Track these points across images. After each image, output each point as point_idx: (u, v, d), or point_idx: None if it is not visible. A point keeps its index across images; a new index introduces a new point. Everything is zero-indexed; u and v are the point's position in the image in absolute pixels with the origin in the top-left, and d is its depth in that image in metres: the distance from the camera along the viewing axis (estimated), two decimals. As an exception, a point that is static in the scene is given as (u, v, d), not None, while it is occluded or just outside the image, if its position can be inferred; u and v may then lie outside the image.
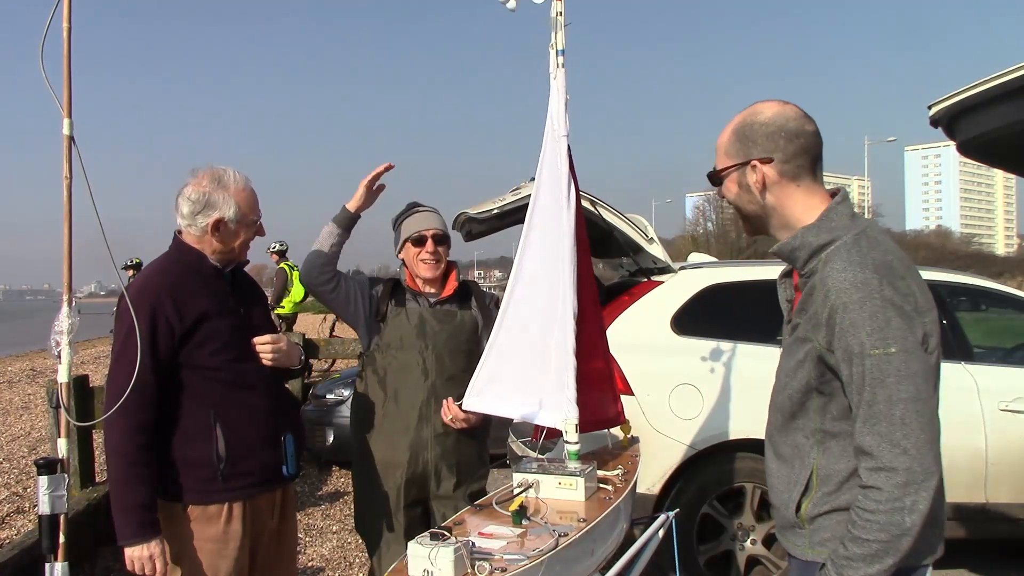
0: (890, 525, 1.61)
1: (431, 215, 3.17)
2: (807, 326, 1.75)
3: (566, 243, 2.56)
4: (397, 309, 3.10)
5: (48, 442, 6.75)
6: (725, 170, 1.87)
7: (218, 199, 2.52)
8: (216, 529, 2.45)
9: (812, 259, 1.76)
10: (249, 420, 2.52)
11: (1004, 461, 4.12)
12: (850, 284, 1.65)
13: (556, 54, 2.58)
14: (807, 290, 1.77)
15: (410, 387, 3.04)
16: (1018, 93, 3.21)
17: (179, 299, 2.44)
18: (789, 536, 1.90)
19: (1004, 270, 50.05)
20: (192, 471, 2.44)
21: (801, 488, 1.83)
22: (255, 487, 2.53)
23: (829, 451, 1.80)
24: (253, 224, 2.61)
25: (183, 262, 2.55)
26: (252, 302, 2.71)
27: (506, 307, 2.71)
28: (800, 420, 1.84)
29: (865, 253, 1.70)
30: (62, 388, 2.54)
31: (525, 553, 1.90)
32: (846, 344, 1.65)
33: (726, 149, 1.87)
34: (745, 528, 4.17)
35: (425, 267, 3.08)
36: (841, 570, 1.67)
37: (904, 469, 1.60)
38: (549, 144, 2.61)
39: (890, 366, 1.61)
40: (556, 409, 2.59)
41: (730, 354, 4.16)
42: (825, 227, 1.77)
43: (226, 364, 2.49)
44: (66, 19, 2.58)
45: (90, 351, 20.76)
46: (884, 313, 1.63)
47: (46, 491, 2.38)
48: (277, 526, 2.67)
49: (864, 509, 1.64)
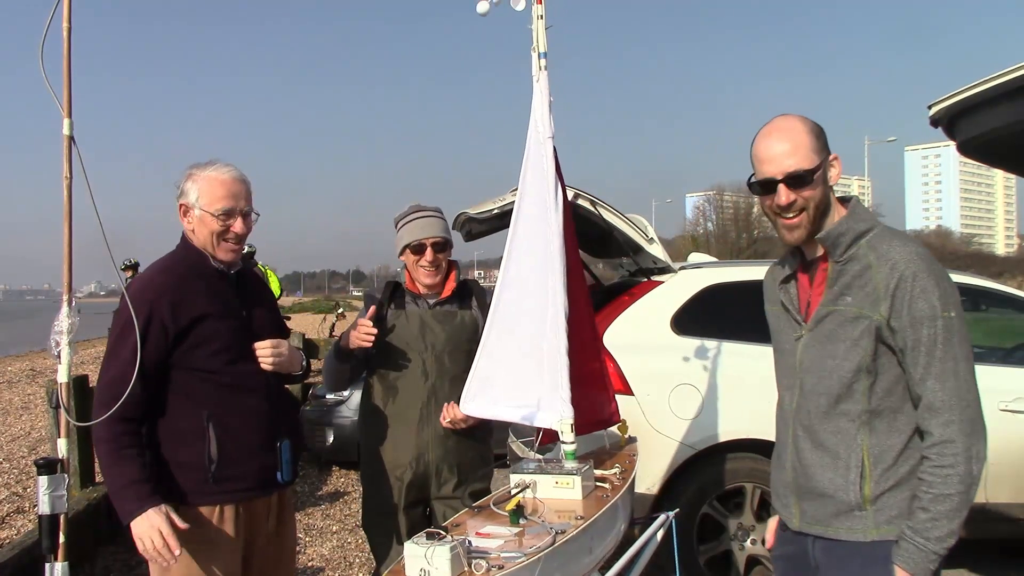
0: (967, 476, 1.79)
1: (432, 221, 3.11)
2: (862, 303, 1.89)
3: (555, 244, 2.57)
4: (397, 312, 3.11)
5: (48, 442, 6.76)
6: (821, 165, 1.94)
7: (188, 185, 2.50)
8: (207, 531, 2.43)
9: (854, 244, 1.93)
10: (245, 424, 2.49)
11: (1004, 461, 4.11)
12: (916, 256, 1.86)
13: (538, 56, 2.60)
14: (855, 272, 1.91)
15: (411, 389, 3.05)
16: (1018, 93, 3.21)
17: (177, 300, 2.41)
18: (843, 522, 1.94)
19: (1004, 270, 50.12)
20: (183, 472, 2.42)
21: (856, 471, 1.91)
22: (249, 491, 2.50)
23: (876, 430, 1.91)
24: (218, 216, 2.47)
25: (187, 262, 2.52)
26: (256, 304, 2.65)
27: (495, 310, 2.72)
28: (845, 404, 1.93)
29: (908, 236, 1.96)
30: (62, 388, 2.55)
31: (522, 551, 1.90)
32: (917, 308, 1.83)
33: (813, 147, 1.94)
34: (745, 528, 4.16)
35: (424, 274, 3.09)
36: (928, 533, 1.80)
37: (970, 420, 1.81)
38: (533, 146, 2.63)
39: (955, 328, 1.82)
40: (551, 410, 2.59)
41: (730, 354, 4.16)
42: (862, 217, 1.97)
43: (224, 366, 2.46)
44: (66, 19, 2.59)
45: (90, 351, 20.75)
46: (947, 281, 1.86)
47: (46, 491, 2.38)
48: (275, 528, 2.64)
49: (941, 466, 1.81)
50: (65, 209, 2.65)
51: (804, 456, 2.00)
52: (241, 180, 2.53)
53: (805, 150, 1.93)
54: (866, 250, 1.91)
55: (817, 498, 1.98)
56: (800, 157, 1.92)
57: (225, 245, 2.51)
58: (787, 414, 2.08)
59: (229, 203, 2.48)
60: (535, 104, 2.61)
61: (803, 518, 2.03)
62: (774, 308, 2.15)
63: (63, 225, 2.65)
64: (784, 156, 1.93)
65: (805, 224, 1.96)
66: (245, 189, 2.54)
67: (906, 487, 1.88)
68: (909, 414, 1.90)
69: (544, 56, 2.60)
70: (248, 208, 2.54)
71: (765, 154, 1.96)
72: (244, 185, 2.53)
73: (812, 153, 1.93)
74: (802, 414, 2.01)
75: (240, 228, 2.51)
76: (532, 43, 2.61)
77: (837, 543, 1.95)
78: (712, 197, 72.37)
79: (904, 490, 1.88)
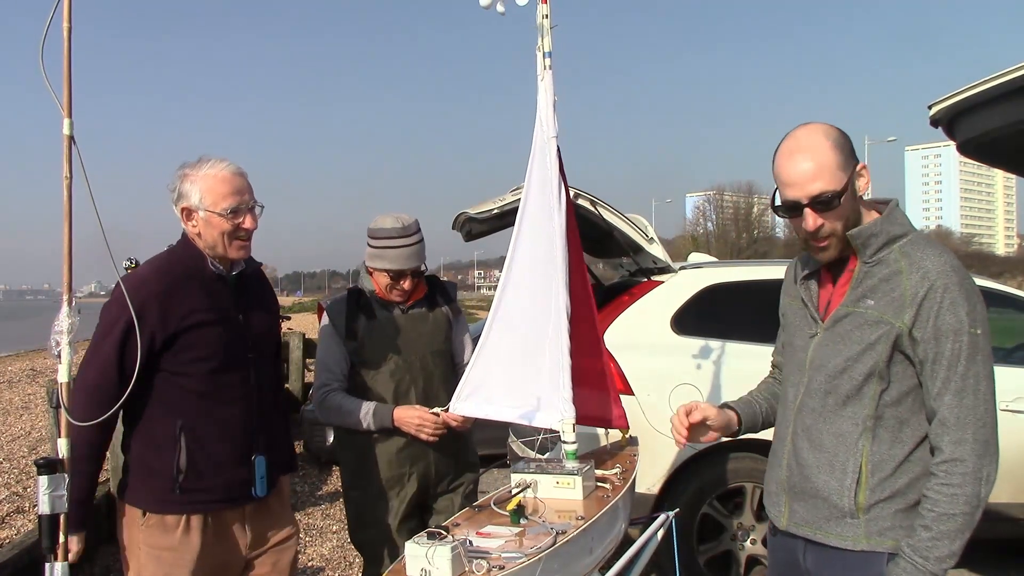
0: (974, 497, 1.75)
1: (413, 251, 2.95)
2: (885, 309, 1.83)
3: (558, 244, 2.57)
4: (370, 323, 3.01)
5: (48, 442, 6.75)
6: (849, 182, 1.84)
7: (186, 187, 2.41)
8: (172, 539, 2.37)
9: (885, 247, 1.87)
10: (219, 435, 2.41)
11: (1004, 461, 4.07)
12: (950, 267, 1.80)
13: (543, 56, 2.60)
14: (882, 275, 1.86)
15: (402, 398, 2.99)
16: (1018, 93, 3.20)
17: (168, 304, 2.34)
18: (834, 528, 1.90)
19: (1004, 270, 50.13)
20: (151, 479, 2.38)
21: (853, 476, 1.87)
22: (216, 503, 2.42)
23: (878, 438, 1.86)
24: (227, 216, 2.39)
25: (183, 263, 2.44)
26: (255, 308, 2.56)
27: (496, 310, 2.70)
28: (852, 406, 1.89)
29: (944, 247, 1.89)
30: (62, 388, 2.54)
31: (523, 551, 1.90)
32: (943, 321, 1.77)
33: (840, 165, 1.83)
34: (745, 528, 4.17)
35: (397, 294, 3.02)
36: (927, 553, 1.75)
37: (983, 441, 1.77)
38: (539, 145, 2.62)
39: (980, 346, 1.78)
40: (552, 410, 2.59)
41: (730, 354, 4.16)
42: (898, 221, 1.90)
43: (204, 375, 2.39)
44: (66, 19, 2.59)
45: (90, 351, 20.73)
46: (977, 297, 1.80)
47: (46, 491, 2.38)
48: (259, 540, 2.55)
49: (948, 484, 1.76)
50: (65, 209, 2.65)
51: (801, 455, 1.97)
52: (241, 174, 2.45)
53: (831, 170, 1.82)
54: (898, 255, 1.85)
55: (810, 499, 1.95)
56: (826, 179, 1.81)
57: (237, 243, 2.44)
58: (789, 411, 2.04)
59: (235, 200, 2.40)
60: (540, 104, 2.61)
61: (792, 518, 2.00)
62: (793, 302, 2.10)
63: (63, 225, 2.65)
64: (809, 179, 1.82)
65: (835, 245, 1.90)
66: (247, 183, 2.47)
67: (900, 499, 1.84)
68: (915, 427, 1.85)
69: (549, 56, 2.59)
70: (253, 202, 2.47)
71: (788, 176, 1.85)
72: (245, 179, 2.46)
73: (839, 171, 1.82)
74: (805, 412, 1.98)
75: (250, 224, 2.45)
76: (537, 43, 2.60)
77: (826, 549, 1.92)
78: (712, 197, 72.43)
79: (899, 502, 1.85)
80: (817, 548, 1.95)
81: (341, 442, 3.12)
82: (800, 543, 2.00)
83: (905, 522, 1.83)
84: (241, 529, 2.51)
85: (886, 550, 1.84)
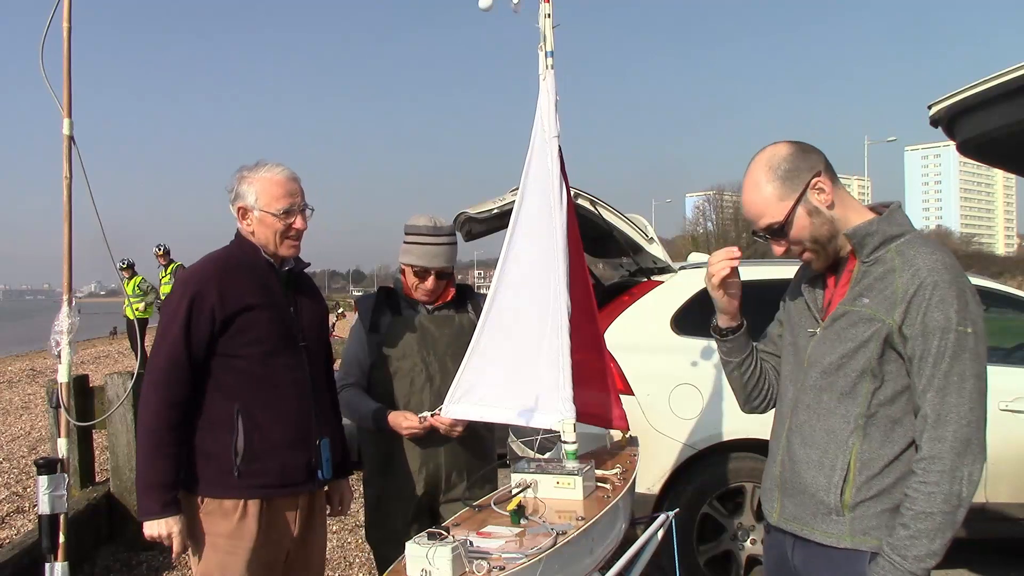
0: (952, 496, 1.72)
1: (442, 251, 3.03)
2: (878, 307, 1.85)
3: (559, 243, 2.56)
4: (395, 319, 3.07)
5: (48, 442, 6.75)
6: (792, 211, 1.91)
7: (243, 188, 2.56)
8: (229, 524, 2.45)
9: (882, 247, 1.89)
10: (276, 419, 2.50)
11: (1004, 461, 4.11)
12: (942, 265, 1.81)
13: (545, 55, 2.59)
14: (878, 274, 1.88)
15: (416, 395, 3.01)
16: (1018, 93, 3.20)
17: (226, 287, 2.46)
18: (820, 524, 1.91)
19: (1004, 270, 50.15)
20: (210, 463, 2.45)
21: (840, 474, 1.88)
22: (273, 488, 2.50)
23: (869, 436, 1.87)
24: (280, 216, 2.55)
25: (238, 253, 2.58)
26: (305, 300, 2.69)
27: (488, 310, 2.69)
28: (846, 404, 1.90)
29: (940, 246, 1.90)
30: (62, 388, 2.55)
31: (523, 552, 1.90)
32: (930, 318, 1.78)
33: (779, 196, 1.92)
34: (745, 528, 4.17)
35: (422, 293, 3.08)
36: (905, 551, 1.74)
37: (963, 439, 1.74)
38: (538, 145, 2.62)
39: (968, 344, 1.76)
40: (551, 410, 2.59)
41: (730, 354, 4.15)
42: (896, 221, 1.92)
43: (259, 357, 2.49)
44: (66, 19, 2.59)
45: (90, 351, 20.77)
46: (969, 295, 1.80)
47: (46, 491, 2.39)
48: (303, 534, 2.63)
49: (925, 482, 1.75)
50: (65, 209, 2.66)
51: (794, 451, 1.99)
52: (294, 178, 2.61)
53: (772, 203, 1.92)
54: (893, 254, 1.88)
55: (798, 496, 1.97)
56: (770, 212, 1.93)
57: (288, 242, 2.59)
58: (785, 408, 2.07)
59: (288, 202, 2.56)
60: (541, 103, 2.60)
61: (782, 513, 2.01)
62: (796, 303, 2.13)
63: (63, 225, 2.65)
64: (756, 216, 1.96)
65: (821, 254, 1.96)
66: (299, 186, 2.62)
67: (887, 499, 1.84)
68: (908, 427, 1.86)
69: (551, 55, 2.59)
70: (304, 204, 2.62)
71: (744, 211, 2.02)
72: (298, 183, 2.62)
73: (778, 203, 1.92)
74: (800, 409, 2.00)
75: (301, 224, 2.60)
76: (539, 42, 2.59)
77: (812, 545, 1.93)
78: (712, 197, 72.50)
79: (884, 501, 1.85)
80: (804, 544, 1.96)
81: (364, 438, 3.17)
82: (789, 539, 2.02)
83: (890, 522, 1.83)
84: (291, 525, 2.59)
85: (870, 549, 1.84)
